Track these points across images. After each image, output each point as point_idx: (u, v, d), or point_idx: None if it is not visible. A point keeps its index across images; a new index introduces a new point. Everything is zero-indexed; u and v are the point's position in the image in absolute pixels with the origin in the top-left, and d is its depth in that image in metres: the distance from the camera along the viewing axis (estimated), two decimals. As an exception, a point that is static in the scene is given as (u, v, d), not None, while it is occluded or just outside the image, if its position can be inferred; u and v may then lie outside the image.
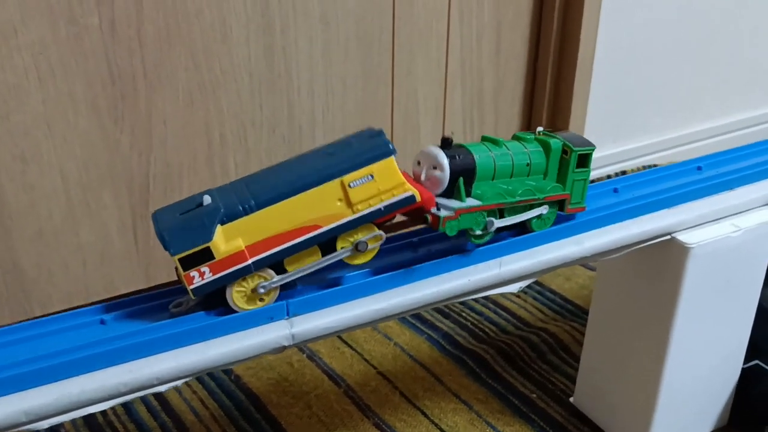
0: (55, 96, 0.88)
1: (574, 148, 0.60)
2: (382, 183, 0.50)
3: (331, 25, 1.03)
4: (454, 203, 0.55)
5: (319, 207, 0.49)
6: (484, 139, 0.60)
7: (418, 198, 0.51)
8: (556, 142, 0.60)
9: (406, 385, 0.86)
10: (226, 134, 1.01)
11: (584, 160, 0.61)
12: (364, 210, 0.50)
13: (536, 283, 1.07)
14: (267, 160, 1.05)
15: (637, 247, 0.65)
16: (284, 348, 0.50)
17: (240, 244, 0.48)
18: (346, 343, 0.93)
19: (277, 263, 0.50)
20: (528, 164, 0.59)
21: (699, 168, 0.74)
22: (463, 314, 1.00)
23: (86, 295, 0.99)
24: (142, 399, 0.84)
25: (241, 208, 0.48)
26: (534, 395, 0.86)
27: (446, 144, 0.56)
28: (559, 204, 0.61)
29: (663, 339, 0.70)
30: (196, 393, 0.85)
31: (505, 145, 0.59)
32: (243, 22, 0.96)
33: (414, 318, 0.99)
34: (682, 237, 0.66)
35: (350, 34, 1.05)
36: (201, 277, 0.47)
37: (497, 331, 0.97)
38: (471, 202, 0.56)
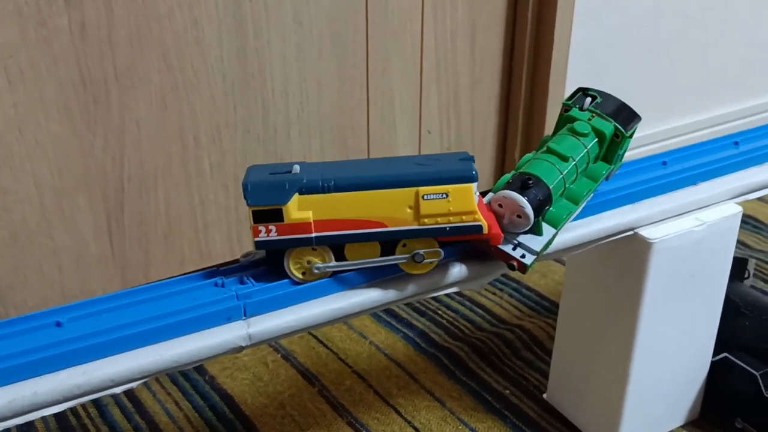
0: (26, 100, 0.88)
1: (626, 133, 0.63)
2: (455, 205, 0.52)
3: (305, 26, 1.03)
4: (535, 242, 0.57)
5: (389, 207, 0.52)
6: (549, 150, 0.60)
7: (485, 231, 0.53)
8: (609, 128, 0.62)
9: (381, 383, 0.87)
10: (200, 136, 1.01)
11: (631, 134, 0.64)
12: (430, 224, 0.53)
13: (512, 279, 1.07)
14: (242, 161, 1.05)
15: (601, 243, 0.66)
16: (242, 348, 0.50)
17: (309, 216, 0.51)
18: (321, 342, 0.94)
19: (338, 248, 0.53)
20: (587, 163, 0.62)
21: (664, 163, 0.74)
22: (439, 312, 1.00)
23: (63, 299, 0.99)
24: (116, 401, 0.84)
25: (321, 185, 0.52)
26: (507, 391, 0.86)
27: (525, 185, 0.56)
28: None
29: (630, 333, 0.71)
30: (170, 394, 0.85)
31: (571, 156, 0.60)
32: (215, 23, 0.96)
33: (389, 316, 0.99)
34: (644, 232, 0.67)
35: (324, 34, 1.05)
36: (267, 233, 0.51)
37: (472, 328, 0.97)
38: (547, 231, 0.58)
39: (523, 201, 0.55)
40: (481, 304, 1.02)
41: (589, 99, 0.64)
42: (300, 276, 0.54)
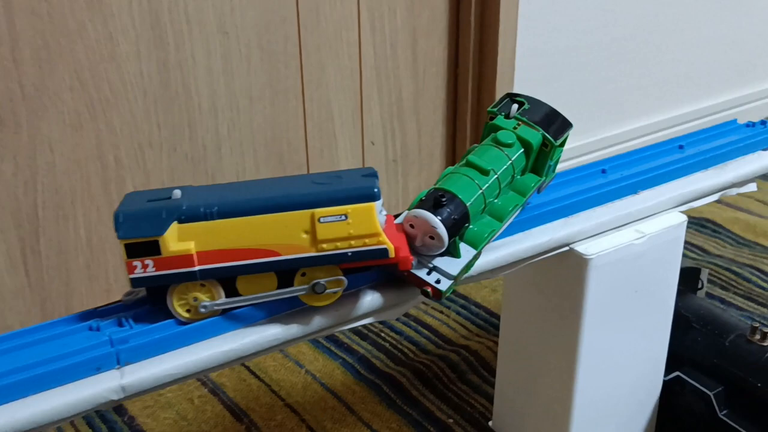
0: None
1: (555, 143, 0.58)
2: (356, 227, 0.47)
3: (230, 36, 0.98)
4: (452, 265, 0.51)
5: (282, 233, 0.47)
6: (468, 163, 0.54)
7: (392, 254, 0.48)
8: (536, 137, 0.57)
9: (315, 416, 0.81)
10: (121, 156, 0.94)
11: (562, 143, 0.60)
12: (329, 250, 0.47)
13: (460, 296, 1.02)
14: (169, 182, 0.99)
15: (533, 261, 0.61)
16: (114, 402, 0.44)
17: (191, 247, 0.46)
18: (253, 373, 0.87)
19: (228, 281, 0.47)
20: (512, 176, 0.57)
21: (603, 171, 0.69)
22: (382, 334, 0.95)
23: (-23, 335, 0.92)
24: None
25: (203, 212, 0.46)
26: (451, 420, 0.80)
27: (438, 203, 0.51)
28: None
29: (571, 355, 0.66)
30: (87, 438, 0.79)
31: (492, 168, 0.54)
32: (131, 36, 0.90)
33: (329, 341, 0.93)
34: (580, 248, 0.62)
35: (252, 44, 1.00)
36: (144, 268, 0.45)
37: (416, 351, 0.92)
38: (465, 252, 0.52)
39: (436, 221, 0.50)
40: (426, 324, 0.97)
41: (516, 106, 0.59)
42: (186, 315, 0.48)
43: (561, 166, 0.65)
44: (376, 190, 0.47)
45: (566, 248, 0.62)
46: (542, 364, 0.70)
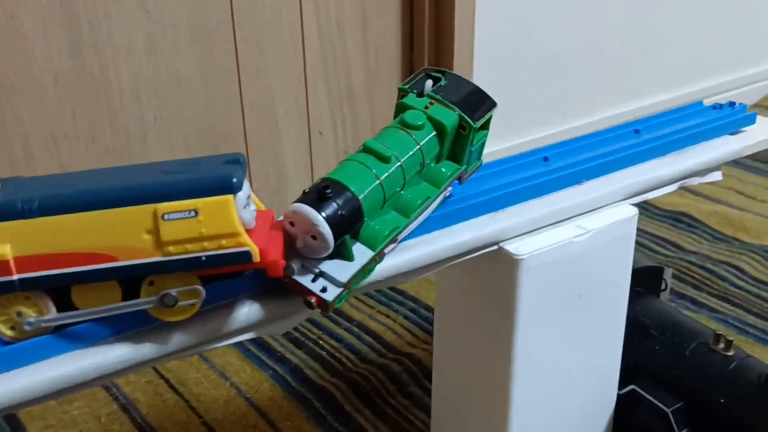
0: None
1: (474, 124, 0.49)
2: (209, 226, 0.38)
3: (153, 15, 0.89)
4: (342, 270, 0.43)
5: (119, 234, 0.38)
6: (367, 149, 0.46)
7: (256, 258, 0.39)
8: (451, 118, 0.48)
9: (234, 435, 0.73)
10: (31, 147, 0.86)
11: (483, 125, 0.50)
12: (177, 254, 0.38)
13: (410, 298, 0.94)
14: (89, 176, 0.91)
15: (456, 262, 0.52)
16: None
17: (7, 251, 0.37)
18: (172, 387, 0.79)
19: (62, 293, 0.39)
20: (422, 163, 0.48)
21: (545, 159, 0.61)
22: (321, 342, 0.86)
23: None
24: None
25: (20, 207, 0.37)
26: (385, 438, 0.72)
27: (322, 196, 0.42)
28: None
29: (505, 368, 0.57)
30: (-23, 462, 0.70)
31: (394, 154, 0.46)
32: (36, 13, 0.82)
33: (260, 349, 0.85)
34: (510, 247, 0.53)
35: (179, 24, 0.91)
36: None
37: (356, 360, 0.83)
38: (361, 254, 0.44)
39: (317, 217, 0.41)
40: (370, 330, 0.88)
41: (430, 82, 0.51)
42: (8, 333, 0.39)
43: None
44: (234, 180, 0.39)
45: (495, 247, 0.54)
46: (476, 378, 0.61)
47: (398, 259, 0.49)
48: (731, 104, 0.71)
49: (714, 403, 0.61)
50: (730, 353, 0.63)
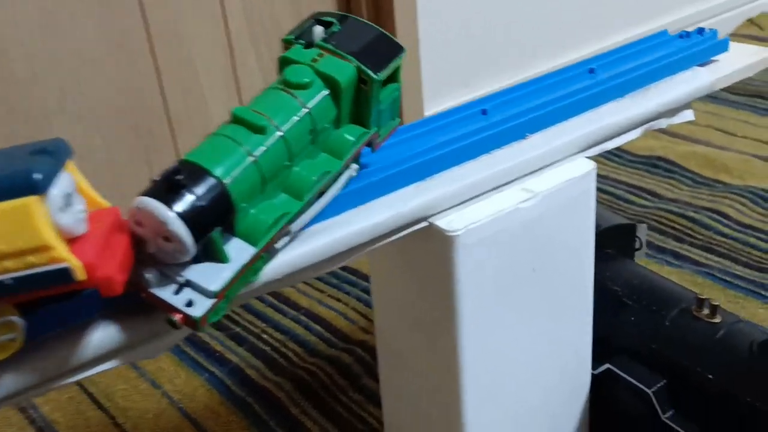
0: None
1: (375, 77, 0.39)
2: (8, 240, 0.29)
3: (42, -16, 0.78)
4: (211, 276, 0.34)
5: None
6: (236, 119, 0.36)
7: (79, 276, 0.30)
8: (345, 71, 0.39)
9: (163, 455, 0.64)
10: None
11: (392, 76, 0.41)
12: None
13: (363, 277, 0.85)
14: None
15: (377, 245, 0.43)
16: None
17: None
18: (96, 402, 0.70)
19: None
20: (313, 130, 0.38)
21: (484, 112, 0.51)
22: (265, 335, 0.78)
23: None
24: None
25: None
26: (335, 443, 0.64)
27: (172, 186, 0.32)
28: None
29: (451, 360, 0.49)
30: None
31: (272, 122, 0.36)
32: None
33: (198, 351, 0.76)
34: (441, 222, 0.44)
35: (75, -7, 0.80)
36: None
37: (303, 353, 0.75)
38: (240, 252, 0.35)
39: (165, 213, 0.32)
40: (319, 318, 0.79)
41: (321, 29, 0.41)
42: None
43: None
44: (38, 176, 0.29)
45: (424, 224, 0.45)
46: (423, 375, 0.53)
47: (300, 250, 0.39)
48: (700, 31, 0.61)
49: (700, 380, 0.53)
50: (717, 320, 0.54)
